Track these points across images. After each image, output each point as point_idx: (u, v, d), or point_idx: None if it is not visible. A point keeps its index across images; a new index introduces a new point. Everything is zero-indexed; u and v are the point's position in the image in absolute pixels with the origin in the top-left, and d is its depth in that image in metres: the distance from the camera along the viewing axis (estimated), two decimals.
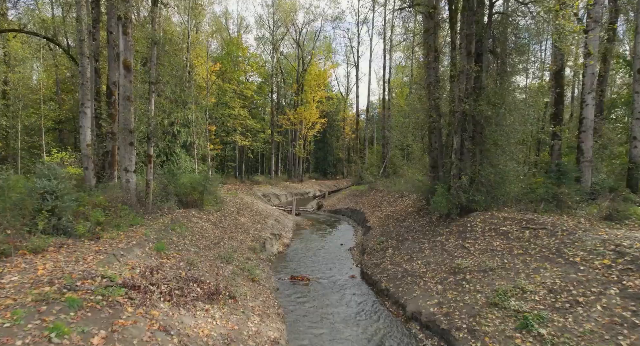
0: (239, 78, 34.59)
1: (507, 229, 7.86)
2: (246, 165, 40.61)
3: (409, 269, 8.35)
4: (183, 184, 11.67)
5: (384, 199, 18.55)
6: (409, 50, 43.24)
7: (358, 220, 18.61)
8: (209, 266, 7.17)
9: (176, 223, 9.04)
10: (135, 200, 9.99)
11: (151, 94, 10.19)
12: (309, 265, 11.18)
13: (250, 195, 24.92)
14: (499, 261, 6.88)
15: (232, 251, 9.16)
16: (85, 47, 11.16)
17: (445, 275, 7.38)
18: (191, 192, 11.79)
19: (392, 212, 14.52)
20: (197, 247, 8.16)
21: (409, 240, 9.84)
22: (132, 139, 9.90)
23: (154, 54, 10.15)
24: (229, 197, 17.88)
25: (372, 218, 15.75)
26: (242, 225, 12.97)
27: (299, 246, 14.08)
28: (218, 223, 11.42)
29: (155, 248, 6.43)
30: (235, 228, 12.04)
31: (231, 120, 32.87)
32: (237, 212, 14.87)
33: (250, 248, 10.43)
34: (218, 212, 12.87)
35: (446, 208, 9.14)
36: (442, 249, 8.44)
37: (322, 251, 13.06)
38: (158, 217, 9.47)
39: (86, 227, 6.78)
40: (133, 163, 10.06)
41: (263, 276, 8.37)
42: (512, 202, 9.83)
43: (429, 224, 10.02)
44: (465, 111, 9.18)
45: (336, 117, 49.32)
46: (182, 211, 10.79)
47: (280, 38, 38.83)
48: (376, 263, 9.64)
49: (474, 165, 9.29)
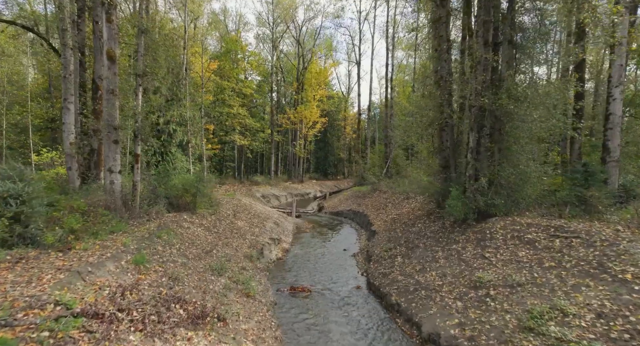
0: (237, 76, 33.74)
1: (533, 237, 7.00)
2: (245, 165, 39.76)
3: (422, 281, 7.48)
4: (174, 186, 10.82)
5: (389, 201, 17.68)
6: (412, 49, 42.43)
7: (361, 223, 17.74)
8: (197, 280, 6.30)
9: (164, 229, 8.18)
10: (120, 204, 9.14)
11: (138, 88, 9.33)
12: (310, 273, 10.32)
13: (248, 196, 24.07)
14: (528, 276, 6.02)
15: (226, 260, 8.29)
16: (68, 38, 10.32)
17: (464, 290, 6.52)
18: (183, 195, 10.93)
19: (399, 215, 13.66)
20: (186, 256, 7.30)
21: (420, 247, 8.97)
22: (116, 137, 9.04)
23: (141, 44, 9.29)
24: (226, 199, 17.04)
25: (376, 222, 14.88)
26: (239, 230, 12.11)
27: (300, 251, 13.22)
28: (212, 228, 10.55)
29: (133, 261, 5.56)
30: (231, 233, 11.18)
31: (230, 119, 32.04)
32: (233, 215, 14.01)
33: (247, 256, 9.56)
34: (213, 216, 12.01)
35: (462, 212, 8.28)
36: (459, 259, 7.57)
37: (324, 257, 12.20)
38: (144, 223, 8.61)
39: (56, 236, 5.92)
40: (118, 163, 9.20)
41: (259, 289, 7.50)
42: (532, 205, 8.97)
43: (442, 230, 9.15)
44: (483, 106, 8.32)
45: (337, 116, 48.47)
46: (173, 215, 9.94)
47: (280, 35, 37.99)
48: (384, 273, 8.78)
49: (492, 165, 8.42)
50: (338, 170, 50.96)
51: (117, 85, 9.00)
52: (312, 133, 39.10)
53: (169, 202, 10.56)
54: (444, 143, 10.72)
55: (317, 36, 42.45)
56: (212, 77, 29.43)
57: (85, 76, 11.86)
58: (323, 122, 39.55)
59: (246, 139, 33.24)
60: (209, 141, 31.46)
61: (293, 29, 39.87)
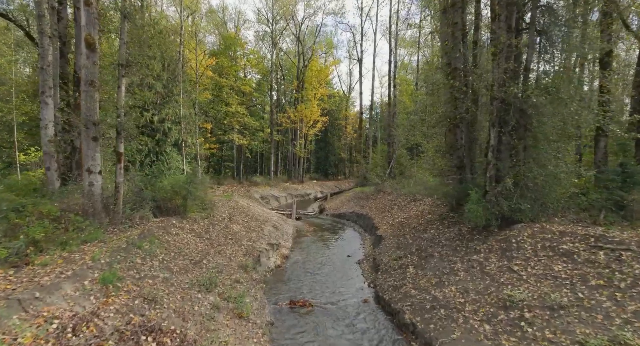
0: (236, 73, 32.83)
1: (570, 248, 6.06)
2: (245, 166, 38.86)
3: (440, 297, 6.54)
4: (162, 188, 9.88)
5: (394, 203, 16.74)
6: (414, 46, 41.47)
7: (365, 226, 16.80)
8: (180, 300, 5.37)
9: (147, 237, 7.24)
10: (101, 208, 8.20)
11: (120, 79, 8.39)
12: (311, 283, 9.39)
13: (246, 197, 23.14)
14: (571, 296, 5.08)
15: (217, 272, 7.35)
16: (46, 24, 9.38)
17: (493, 310, 5.58)
18: (173, 197, 10.00)
19: (407, 218, 12.72)
20: (169, 269, 6.36)
21: (434, 256, 8.03)
22: (96, 133, 8.10)
23: (123, 30, 8.36)
24: (222, 201, 16.12)
25: (382, 226, 13.94)
26: (234, 235, 11.17)
27: (300, 258, 12.29)
28: (204, 234, 9.62)
29: (101, 280, 4.63)
30: (225, 239, 10.24)
31: (228, 118, 31.11)
32: (229, 218, 13.06)
33: (241, 266, 8.62)
34: (206, 220, 11.08)
35: (483, 218, 7.34)
36: (482, 272, 6.63)
37: (327, 264, 11.27)
38: (126, 229, 7.67)
39: (10, 249, 4.99)
40: (98, 163, 8.26)
41: (254, 307, 6.56)
42: (559, 210, 8.03)
43: (459, 237, 8.21)
44: (506, 99, 7.38)
45: (338, 115, 47.53)
46: (160, 220, 9.00)
47: (279, 32, 37.07)
48: (395, 285, 7.83)
49: (516, 165, 7.48)
50: (339, 170, 50.02)
51: (96, 76, 8.06)
52: (312, 133, 38.18)
53: (157, 205, 9.62)
54: (458, 141, 9.78)
55: (318, 34, 41.56)
56: (209, 74, 28.49)
57: (67, 68, 10.93)
58: (324, 121, 38.63)
59: (245, 139, 32.32)
60: (207, 140, 30.56)
61: (293, 26, 39.00)
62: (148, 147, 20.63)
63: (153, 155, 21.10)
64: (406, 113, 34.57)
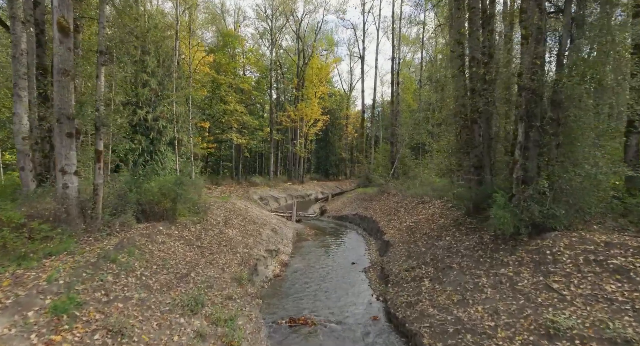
0: (234, 70, 31.88)
1: (622, 263, 5.12)
2: (244, 165, 37.93)
3: (465, 319, 5.59)
4: (149, 190, 8.93)
5: (400, 205, 15.80)
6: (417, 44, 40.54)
7: (370, 230, 15.85)
8: (157, 328, 4.42)
9: (125, 247, 6.30)
10: (76, 213, 7.26)
11: (99, 68, 7.44)
12: (313, 295, 8.46)
13: (245, 198, 22.21)
14: (638, 326, 4.13)
15: (206, 287, 6.41)
16: (17, 8, 8.44)
17: (533, 339, 4.63)
18: (161, 200, 9.05)
19: (416, 223, 11.77)
20: (148, 288, 5.41)
21: (453, 269, 7.09)
22: (71, 129, 7.16)
23: (102, 13, 7.41)
24: (219, 203, 15.18)
25: (389, 230, 13.00)
26: (229, 241, 10.23)
27: (301, 265, 11.35)
28: (194, 242, 8.67)
29: (51, 309, 3.69)
30: (219, 247, 9.30)
31: (226, 116, 30.17)
32: (224, 222, 12.12)
33: (235, 278, 7.67)
34: (198, 225, 10.14)
35: (511, 225, 6.39)
36: (514, 289, 5.69)
37: (330, 273, 10.33)
38: (103, 238, 6.74)
39: None
40: (73, 162, 7.32)
41: (248, 331, 5.61)
42: (594, 216, 7.08)
43: (481, 247, 7.26)
44: (536, 89, 6.45)
45: (339, 114, 46.57)
46: (145, 226, 8.05)
47: (279, 29, 36.15)
48: (409, 301, 6.89)
49: (549, 164, 6.54)
50: (339, 171, 49.08)
51: (71, 64, 7.12)
52: (313, 132, 37.23)
53: (142, 209, 8.67)
54: (475, 138, 8.83)
55: (318, 31, 40.64)
56: (206, 70, 27.54)
57: (45, 58, 9.98)
58: (325, 119, 37.68)
59: (244, 138, 31.38)
60: (204, 139, 29.63)
61: (293, 24, 38.09)
62: (142, 146, 19.73)
63: (147, 155, 20.19)
64: (410, 111, 33.65)
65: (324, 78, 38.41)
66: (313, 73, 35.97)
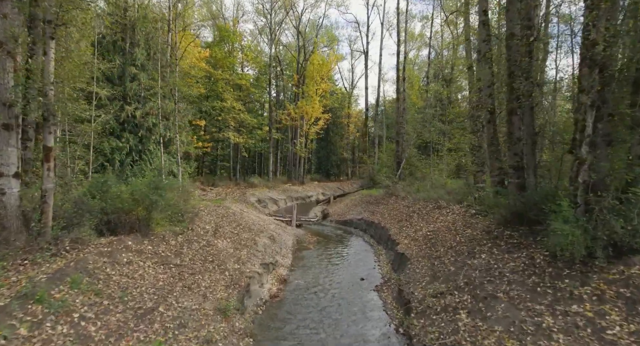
0: (232, 66, 30.27)
1: None
2: (242, 166, 36.35)
3: None
4: (118, 196, 7.33)
5: (412, 210, 14.20)
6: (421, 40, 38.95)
7: (378, 237, 14.26)
8: None
9: (69, 276, 4.71)
10: (17, 226, 5.68)
11: (48, 42, 5.85)
12: (317, 323, 6.89)
13: (241, 201, 20.61)
14: None
15: (178, 326, 4.82)
16: None
17: None
18: (133, 208, 7.46)
19: (434, 232, 10.17)
20: (86, 339, 3.81)
21: (499, 299, 5.49)
22: (7, 119, 5.58)
23: None
24: (210, 208, 13.60)
25: (402, 239, 11.40)
26: (217, 255, 8.64)
27: (302, 281, 9.76)
28: (172, 259, 7.08)
29: None
30: (203, 264, 7.70)
31: (223, 114, 28.57)
32: (214, 231, 10.53)
33: (219, 309, 6.06)
34: (180, 236, 8.55)
35: (582, 246, 4.80)
36: (600, 338, 4.08)
37: (336, 292, 8.74)
38: (45, 260, 5.14)
39: None
40: (12, 162, 5.73)
41: None
42: None
43: (534, 270, 5.66)
44: (609, 65, 4.86)
45: (340, 113, 44.95)
46: (108, 242, 6.46)
47: (278, 23, 34.57)
48: (444, 343, 5.28)
49: (633, 164, 4.94)
50: (341, 171, 47.45)
51: (8, 35, 5.53)
52: (314, 131, 35.62)
53: (108, 220, 7.08)
54: (515, 132, 7.23)
55: (320, 26, 39.09)
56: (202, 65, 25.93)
57: None
58: (326, 118, 36.08)
59: (242, 137, 29.77)
60: (200, 138, 28.06)
61: (293, 19, 36.53)
62: (130, 145, 18.18)
63: (135, 154, 18.64)
64: (417, 108, 32.01)
65: (325, 75, 36.82)
66: (314, 69, 34.36)
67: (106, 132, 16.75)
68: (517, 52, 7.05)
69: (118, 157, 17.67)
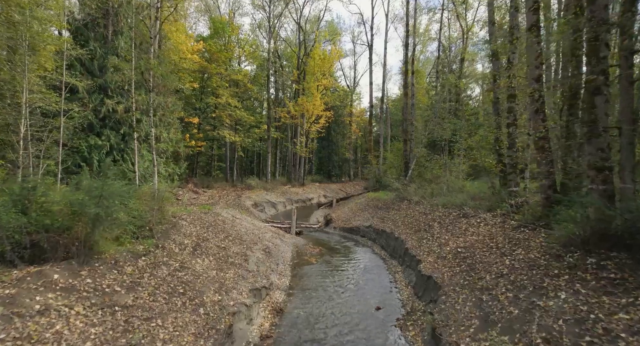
0: (227, 60, 28.21)
1: None
2: (239, 166, 34.33)
3: None
4: (47, 209, 5.30)
5: (431, 218, 12.15)
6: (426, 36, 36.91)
7: (392, 249, 12.21)
8: None
9: None
10: None
11: None
12: None
13: (235, 206, 18.58)
14: None
15: None
16: None
17: None
18: (71, 224, 5.43)
19: (468, 249, 8.11)
20: None
21: None
22: None
23: None
24: (196, 214, 11.56)
25: (424, 256, 9.34)
26: (192, 283, 6.59)
27: (302, 312, 7.72)
28: (121, 297, 5.04)
29: None
30: (169, 300, 5.66)
31: (218, 111, 26.55)
32: (194, 247, 8.49)
33: None
34: (143, 258, 6.50)
35: None
36: None
37: (347, 330, 6.70)
38: None
39: None
40: None
41: None
42: None
43: None
44: None
45: (342, 111, 42.92)
46: (22, 276, 4.43)
47: (277, 16, 32.59)
48: None
49: None
50: (343, 172, 45.40)
51: None
52: (314, 130, 33.57)
53: (32, 242, 5.05)
54: (601, 119, 5.17)
55: (322, 18, 37.05)
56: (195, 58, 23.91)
57: None
58: (328, 116, 34.03)
59: (238, 135, 27.74)
60: (193, 137, 26.03)
61: (293, 12, 34.52)
62: (110, 143, 16.15)
63: (117, 153, 16.60)
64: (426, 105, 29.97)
65: (326, 70, 34.83)
66: (315, 64, 32.34)
67: (85, 128, 14.81)
68: (603, 6, 5.01)
69: (97, 156, 15.63)
